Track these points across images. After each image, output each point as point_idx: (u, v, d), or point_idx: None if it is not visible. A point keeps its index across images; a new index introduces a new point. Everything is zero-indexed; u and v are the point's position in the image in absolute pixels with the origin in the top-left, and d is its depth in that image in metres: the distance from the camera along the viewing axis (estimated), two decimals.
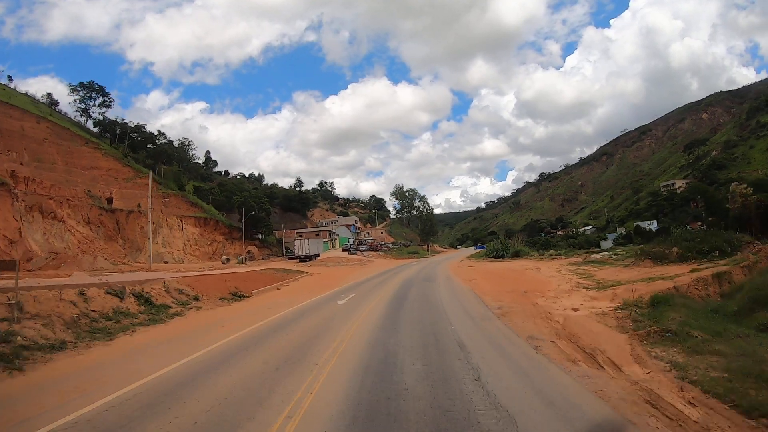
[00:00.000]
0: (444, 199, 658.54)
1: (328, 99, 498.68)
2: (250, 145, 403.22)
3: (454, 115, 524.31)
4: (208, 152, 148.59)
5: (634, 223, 71.34)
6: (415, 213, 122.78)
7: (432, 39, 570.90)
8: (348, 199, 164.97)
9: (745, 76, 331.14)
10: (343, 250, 72.43)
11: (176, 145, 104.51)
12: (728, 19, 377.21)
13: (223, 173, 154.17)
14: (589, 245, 77.87)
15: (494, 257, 52.91)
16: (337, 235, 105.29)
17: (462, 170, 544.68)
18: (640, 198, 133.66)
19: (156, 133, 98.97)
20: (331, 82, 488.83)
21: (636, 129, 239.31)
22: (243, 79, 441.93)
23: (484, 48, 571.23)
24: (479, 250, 76.20)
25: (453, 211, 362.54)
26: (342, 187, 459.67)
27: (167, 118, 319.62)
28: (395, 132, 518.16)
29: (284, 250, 72.24)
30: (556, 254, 44.12)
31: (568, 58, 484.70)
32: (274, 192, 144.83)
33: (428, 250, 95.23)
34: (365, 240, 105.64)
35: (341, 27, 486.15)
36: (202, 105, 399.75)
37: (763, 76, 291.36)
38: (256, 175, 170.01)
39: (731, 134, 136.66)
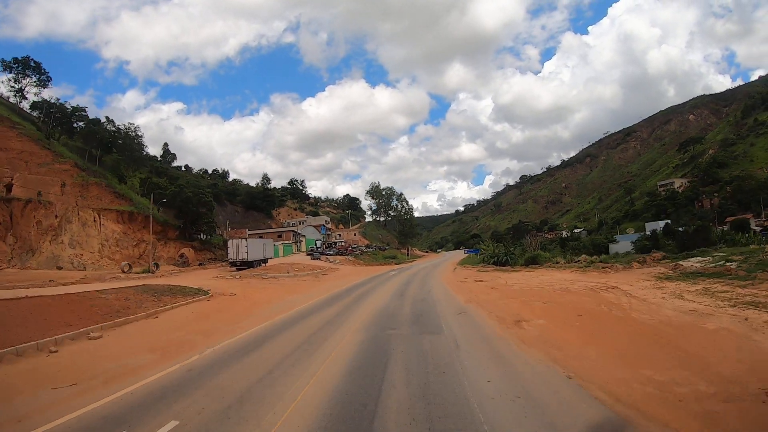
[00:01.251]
0: (421, 203, 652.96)
1: (306, 101, 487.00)
2: (227, 146, 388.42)
3: (432, 118, 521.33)
4: (166, 144, 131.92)
5: (663, 223, 59.69)
6: (392, 213, 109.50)
7: (410, 41, 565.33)
8: (319, 198, 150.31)
9: (721, 83, 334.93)
10: (307, 254, 58.19)
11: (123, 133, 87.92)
12: (705, 26, 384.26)
13: (183, 168, 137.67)
14: (597, 249, 66.54)
15: (496, 264, 39.92)
16: (304, 236, 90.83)
17: (439, 174, 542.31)
18: (634, 198, 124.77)
19: (104, 120, 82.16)
20: (309, 84, 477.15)
21: (620, 131, 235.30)
22: (220, 80, 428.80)
23: (463, 52, 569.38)
24: (470, 254, 63.56)
25: (430, 214, 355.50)
26: (318, 191, 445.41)
27: (143, 118, 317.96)
28: (372, 135, 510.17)
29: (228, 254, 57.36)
30: (590, 262, 31.27)
31: (546, 63, 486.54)
32: (237, 189, 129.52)
33: (408, 254, 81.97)
34: (336, 242, 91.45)
35: (319, 28, 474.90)
36: (179, 105, 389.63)
37: (739, 83, 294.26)
38: (221, 171, 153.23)
39: (727, 133, 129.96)
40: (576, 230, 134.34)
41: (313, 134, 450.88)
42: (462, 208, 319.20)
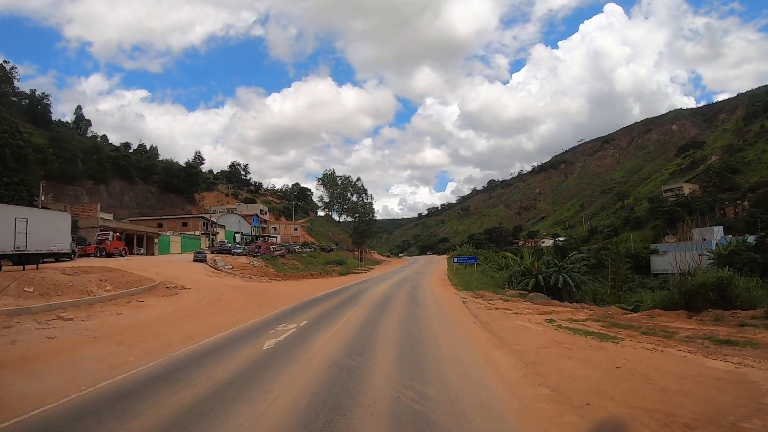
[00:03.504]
0: (382, 207, 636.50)
1: (270, 96, 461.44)
2: (190, 138, 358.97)
3: (397, 122, 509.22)
4: (79, 107, 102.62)
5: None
6: (347, 206, 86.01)
7: (380, 41, 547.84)
8: (260, 183, 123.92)
9: (686, 104, 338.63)
10: (196, 255, 32.89)
11: None
12: (675, 48, 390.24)
13: (100, 138, 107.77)
14: (635, 263, 46.64)
15: (534, 290, 17.74)
16: (223, 226, 65.62)
17: (401, 178, 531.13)
18: (630, 205, 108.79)
19: None
20: (274, 79, 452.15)
21: (596, 139, 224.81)
22: (186, 70, 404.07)
23: (432, 55, 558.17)
24: (461, 264, 40.49)
25: (391, 218, 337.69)
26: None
27: (106, 103, 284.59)
28: (337, 135, 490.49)
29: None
30: None
31: (515, 74, 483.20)
32: (155, 166, 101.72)
33: (362, 259, 58.45)
34: (267, 237, 66.73)
35: (289, 22, 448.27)
36: (143, 93, 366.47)
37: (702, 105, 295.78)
38: (149, 147, 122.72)
39: (729, 139, 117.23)
40: (560, 239, 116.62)
41: (276, 130, 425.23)
42: (425, 212, 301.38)
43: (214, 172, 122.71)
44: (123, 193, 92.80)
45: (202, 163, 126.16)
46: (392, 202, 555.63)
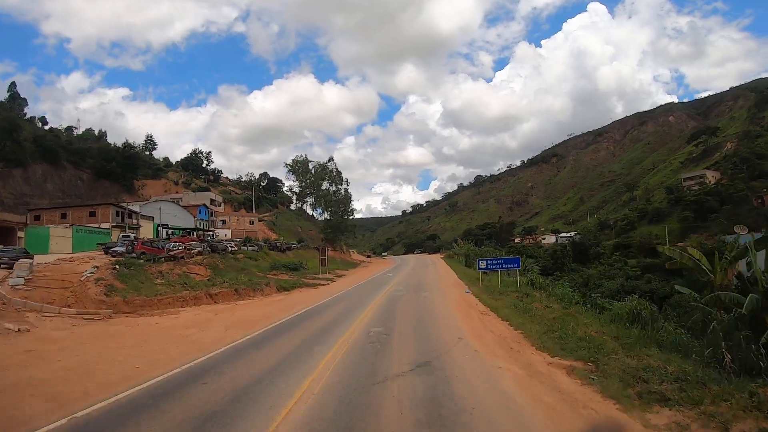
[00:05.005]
0: (365, 205, 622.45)
1: (252, 94, 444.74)
2: (171, 137, 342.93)
3: (380, 119, 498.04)
4: (13, 84, 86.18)
5: None
6: (316, 196, 70.68)
7: (363, 37, 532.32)
8: (220, 171, 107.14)
9: (670, 103, 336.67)
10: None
11: None
12: (658, 47, 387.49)
13: (38, 119, 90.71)
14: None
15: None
16: (152, 218, 50.12)
17: (385, 177, 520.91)
18: (642, 196, 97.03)
19: None
20: (256, 77, 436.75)
21: (590, 131, 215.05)
22: (167, 68, 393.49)
23: (415, 52, 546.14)
24: (500, 270, 24.49)
25: (374, 216, 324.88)
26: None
27: (87, 102, 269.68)
28: (319, 132, 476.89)
29: None
30: None
31: (498, 72, 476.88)
32: (90, 149, 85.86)
33: (324, 263, 41.34)
34: (209, 232, 51.11)
35: (270, 19, 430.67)
36: (124, 91, 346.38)
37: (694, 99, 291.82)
38: (99, 131, 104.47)
39: (743, 126, 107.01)
40: (562, 235, 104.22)
41: (258, 128, 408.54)
42: (409, 209, 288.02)
43: (173, 162, 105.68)
44: (46, 178, 75.78)
45: (154, 148, 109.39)
46: (375, 200, 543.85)
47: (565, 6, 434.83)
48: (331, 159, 70.46)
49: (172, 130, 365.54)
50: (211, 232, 51.50)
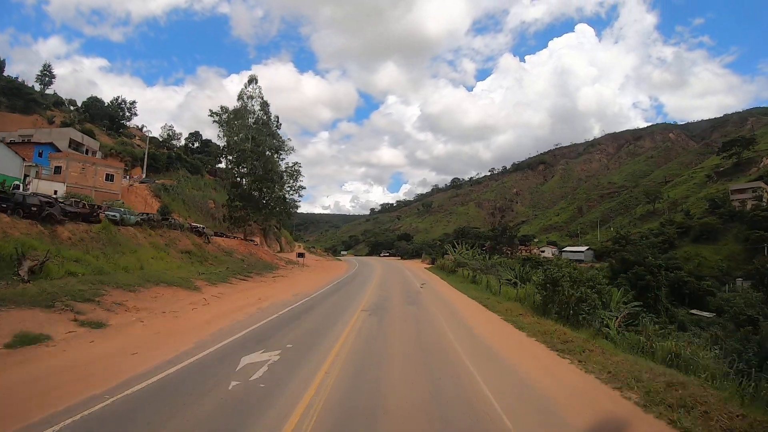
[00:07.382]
0: (334, 202, 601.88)
1: (229, 77, 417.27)
2: (145, 114, 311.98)
3: (357, 117, 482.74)
4: None
5: None
6: (255, 164, 46.36)
7: (348, 30, 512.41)
8: (128, 116, 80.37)
9: (662, 124, 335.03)
10: None
11: None
12: (642, 73, 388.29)
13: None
14: None
15: None
16: None
17: (356, 175, 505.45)
18: (671, 209, 79.61)
19: None
20: (233, 60, 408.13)
21: (581, 143, 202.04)
22: (147, 42, 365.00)
23: (399, 52, 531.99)
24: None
25: (342, 213, 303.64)
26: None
27: (62, 68, 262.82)
28: (294, 123, 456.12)
29: None
30: None
31: (480, 81, 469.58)
32: None
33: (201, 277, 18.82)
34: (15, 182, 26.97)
35: (256, 2, 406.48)
36: (102, 62, 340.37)
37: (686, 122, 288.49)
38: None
39: None
40: (571, 249, 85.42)
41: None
42: (378, 208, 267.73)
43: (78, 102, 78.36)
44: None
45: (51, 83, 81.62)
46: (345, 198, 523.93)
47: (554, 24, 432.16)
48: (253, 80, 46.09)
49: (147, 107, 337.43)
50: (17, 184, 27.56)
